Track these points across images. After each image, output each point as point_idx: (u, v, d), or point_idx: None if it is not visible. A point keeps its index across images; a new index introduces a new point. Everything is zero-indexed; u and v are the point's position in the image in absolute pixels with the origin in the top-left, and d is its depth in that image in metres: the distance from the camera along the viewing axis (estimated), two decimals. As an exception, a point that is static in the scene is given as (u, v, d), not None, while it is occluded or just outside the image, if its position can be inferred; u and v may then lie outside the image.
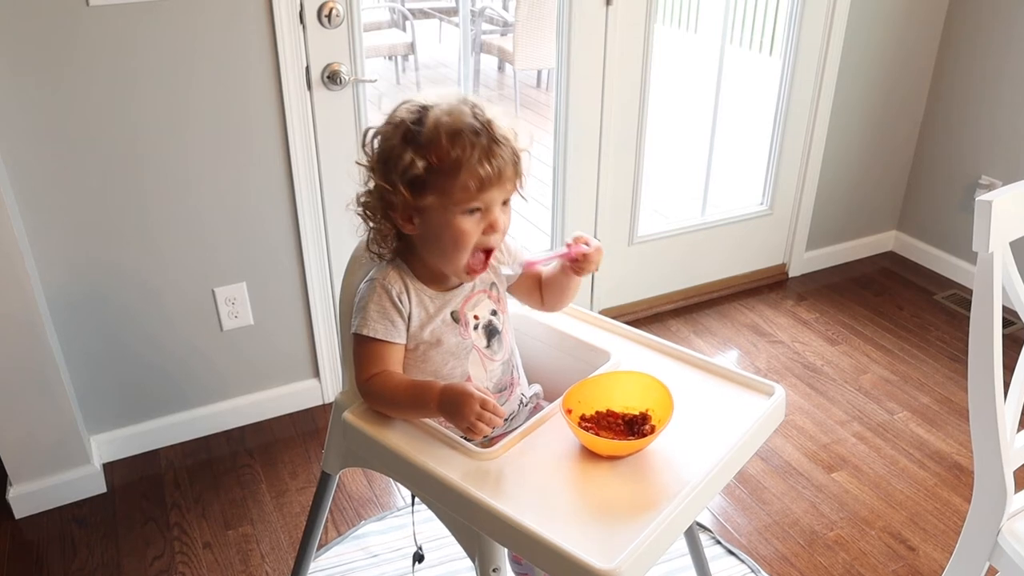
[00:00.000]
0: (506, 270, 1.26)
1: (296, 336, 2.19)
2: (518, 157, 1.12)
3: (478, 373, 1.23)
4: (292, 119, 1.93)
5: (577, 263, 1.20)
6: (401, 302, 1.16)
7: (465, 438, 1.12)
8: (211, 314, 2.05)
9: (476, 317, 1.22)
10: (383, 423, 1.17)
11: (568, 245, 1.20)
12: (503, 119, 1.12)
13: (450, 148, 1.07)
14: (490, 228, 1.13)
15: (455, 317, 1.20)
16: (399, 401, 1.15)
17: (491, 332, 1.24)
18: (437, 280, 1.20)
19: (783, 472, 2.08)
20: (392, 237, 1.18)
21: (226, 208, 1.95)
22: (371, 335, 1.15)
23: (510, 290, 1.31)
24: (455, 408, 1.07)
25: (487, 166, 1.08)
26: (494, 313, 1.25)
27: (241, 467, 2.08)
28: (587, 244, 1.19)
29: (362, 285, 1.20)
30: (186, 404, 2.13)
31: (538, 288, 1.32)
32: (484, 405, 1.06)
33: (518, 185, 1.14)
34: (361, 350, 1.18)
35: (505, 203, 1.14)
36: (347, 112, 2.02)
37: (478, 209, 1.11)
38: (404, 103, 1.13)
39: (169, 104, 1.80)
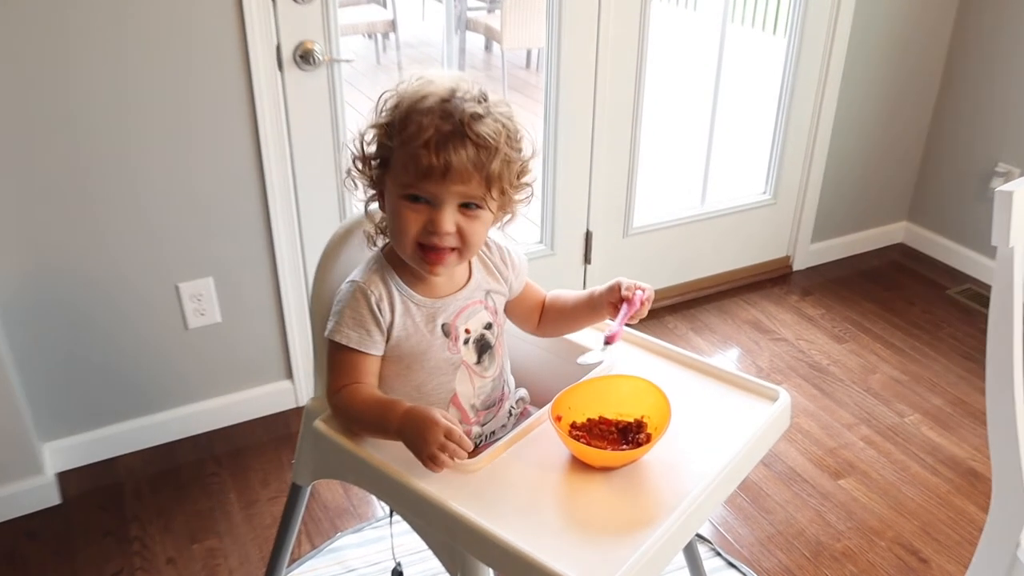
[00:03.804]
0: (592, 356, 1.22)
1: (267, 334, 2.17)
2: (498, 170, 1.07)
3: (465, 390, 1.21)
4: (262, 102, 1.90)
5: (637, 312, 1.20)
6: (380, 310, 1.14)
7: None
8: (175, 311, 2.02)
9: (467, 331, 1.20)
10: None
11: (626, 299, 1.19)
12: (511, 124, 1.10)
13: (406, 124, 1.07)
14: (430, 224, 1.09)
15: (445, 331, 1.18)
16: (362, 418, 1.13)
17: (483, 347, 1.22)
18: (424, 283, 1.18)
19: (787, 479, 2.07)
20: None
21: (190, 198, 1.93)
22: (343, 342, 1.14)
23: (505, 308, 1.29)
24: (416, 434, 1.04)
25: (434, 156, 1.05)
26: (488, 327, 1.23)
27: (208, 475, 2.06)
28: (642, 290, 1.20)
29: (343, 285, 1.18)
30: (148, 408, 2.10)
31: (538, 311, 1.31)
32: (449, 435, 1.03)
33: (491, 197, 1.10)
34: (333, 357, 1.16)
35: (469, 208, 1.10)
36: (322, 94, 1.99)
37: (424, 200, 1.09)
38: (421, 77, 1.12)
39: (126, 85, 1.77)
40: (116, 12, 1.70)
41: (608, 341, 1.18)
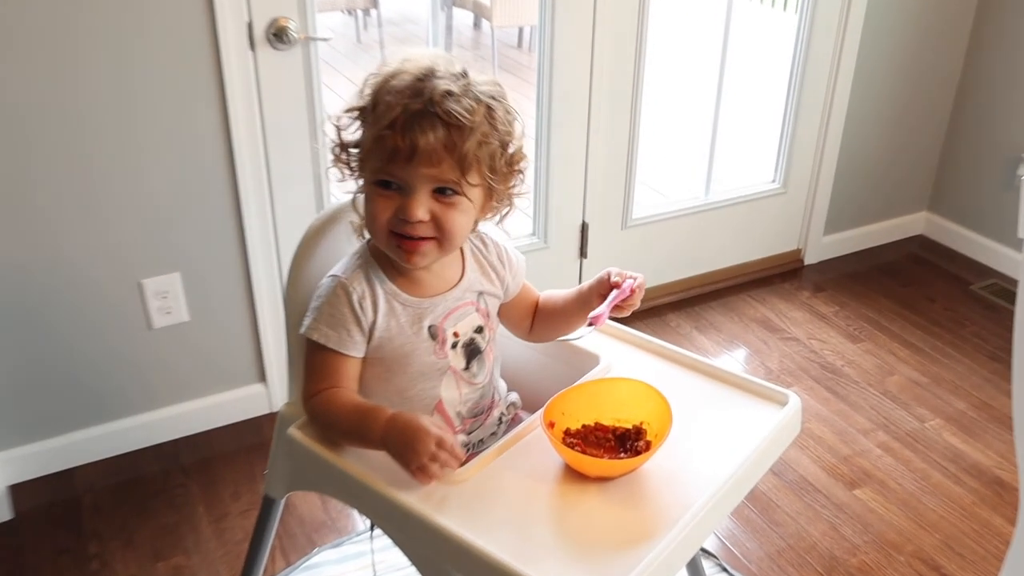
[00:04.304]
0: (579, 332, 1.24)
1: (239, 334, 2.17)
2: (472, 152, 1.06)
3: (451, 396, 1.21)
4: (232, 83, 1.89)
5: (627, 300, 1.20)
6: (362, 309, 1.14)
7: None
8: (138, 310, 2.01)
9: (456, 334, 1.20)
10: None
11: (615, 284, 1.19)
12: (496, 104, 1.09)
13: (376, 105, 1.07)
14: (401, 211, 1.08)
15: (432, 333, 1.18)
16: (341, 426, 1.13)
17: (472, 352, 1.22)
18: (411, 280, 1.17)
19: (798, 489, 2.07)
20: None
21: (155, 187, 1.92)
22: (321, 342, 1.13)
23: (498, 312, 1.28)
24: (404, 444, 1.04)
25: (400, 137, 1.04)
26: (478, 330, 1.22)
27: (174, 487, 2.05)
28: (632, 278, 1.20)
29: (324, 280, 1.18)
30: (108, 415, 2.10)
31: (531, 314, 1.31)
32: (440, 444, 1.03)
33: (468, 183, 1.08)
34: (309, 359, 1.16)
35: (444, 194, 1.09)
36: (297, 75, 1.98)
37: (395, 186, 1.08)
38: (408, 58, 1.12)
39: (77, 64, 1.75)
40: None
41: (592, 322, 1.18)
